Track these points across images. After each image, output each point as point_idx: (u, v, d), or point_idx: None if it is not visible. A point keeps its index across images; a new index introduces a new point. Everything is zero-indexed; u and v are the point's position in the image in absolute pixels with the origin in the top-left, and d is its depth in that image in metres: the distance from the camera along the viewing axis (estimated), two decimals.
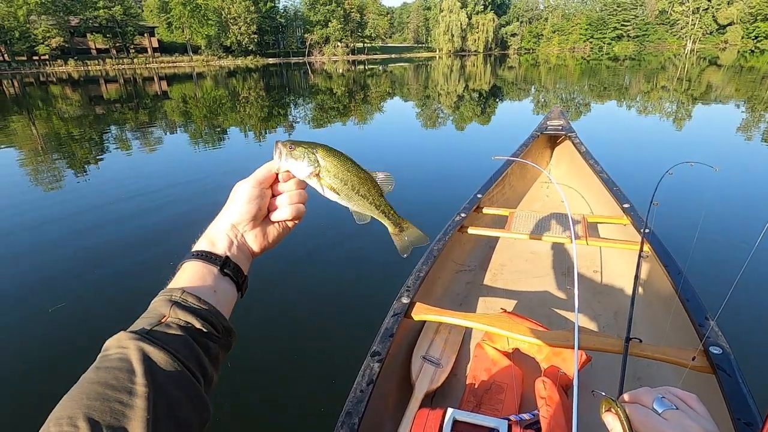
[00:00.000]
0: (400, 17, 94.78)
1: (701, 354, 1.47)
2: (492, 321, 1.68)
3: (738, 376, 1.35)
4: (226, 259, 0.58)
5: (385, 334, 1.67)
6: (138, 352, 0.44)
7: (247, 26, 55.78)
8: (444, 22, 67.82)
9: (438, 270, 2.41)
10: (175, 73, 39.49)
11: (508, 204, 3.70)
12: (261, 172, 0.63)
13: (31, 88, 27.62)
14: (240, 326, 0.58)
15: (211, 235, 0.60)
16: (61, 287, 3.60)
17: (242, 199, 0.61)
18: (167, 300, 0.51)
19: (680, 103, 14.05)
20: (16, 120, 13.90)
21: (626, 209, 2.69)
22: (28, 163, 8.17)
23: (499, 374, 1.87)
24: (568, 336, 1.56)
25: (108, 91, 24.29)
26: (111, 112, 15.55)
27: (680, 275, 1.89)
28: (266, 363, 2.71)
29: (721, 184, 5.22)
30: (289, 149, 0.62)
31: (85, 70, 43.73)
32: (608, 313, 2.49)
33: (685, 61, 38.80)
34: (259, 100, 18.25)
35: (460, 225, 2.58)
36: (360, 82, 26.74)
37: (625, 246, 2.36)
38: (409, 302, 1.80)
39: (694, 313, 1.66)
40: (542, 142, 4.41)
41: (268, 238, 0.64)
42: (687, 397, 0.55)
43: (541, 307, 2.60)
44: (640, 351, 1.48)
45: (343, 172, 0.64)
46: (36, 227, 4.92)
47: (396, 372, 1.89)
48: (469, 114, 13.30)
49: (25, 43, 44.25)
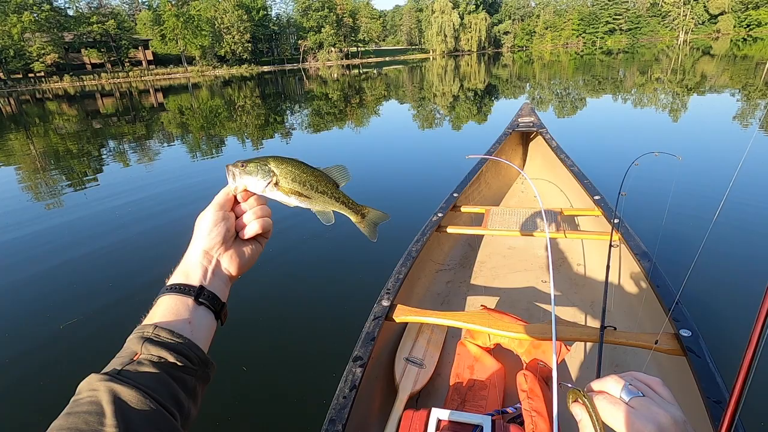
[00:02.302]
0: (393, 20, 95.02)
1: (672, 338, 1.53)
2: (472, 318, 1.72)
3: (707, 357, 1.41)
4: (201, 289, 0.58)
5: (366, 338, 1.67)
6: (108, 393, 0.43)
7: (240, 35, 56.10)
8: (436, 23, 68.04)
9: (418, 270, 2.44)
10: (170, 84, 39.65)
11: (485, 201, 3.77)
12: (219, 197, 0.64)
13: (27, 105, 27.75)
14: (217, 337, 0.60)
15: (184, 267, 0.61)
16: (71, 303, 3.61)
17: (207, 226, 0.62)
18: (139, 337, 0.51)
19: (675, 94, 14.13)
20: (14, 138, 13.99)
21: (597, 201, 2.76)
22: (27, 179, 8.25)
23: (482, 371, 1.91)
24: (545, 329, 1.60)
25: (104, 105, 24.39)
26: (108, 126, 15.63)
27: (650, 262, 1.94)
28: (245, 373, 2.66)
29: (686, 172, 5.44)
30: (242, 167, 0.65)
31: (80, 85, 43.94)
32: (585, 304, 2.56)
33: (678, 52, 38.91)
34: (256, 108, 18.34)
35: (438, 225, 2.61)
36: (355, 86, 26.84)
37: (597, 236, 2.44)
38: (389, 305, 1.82)
39: (664, 298, 1.72)
40: (515, 139, 4.51)
41: (243, 257, 0.64)
42: (652, 382, 0.56)
43: (521, 301, 2.65)
44: (615, 338, 1.53)
45: (299, 174, 0.67)
46: (49, 243, 4.96)
47: (379, 375, 1.89)
48: (464, 113, 13.36)
49: (20, 61, 44.54)
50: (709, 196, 4.70)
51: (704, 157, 6.54)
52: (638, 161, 2.07)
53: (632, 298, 2.20)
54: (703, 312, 2.70)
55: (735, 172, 1.14)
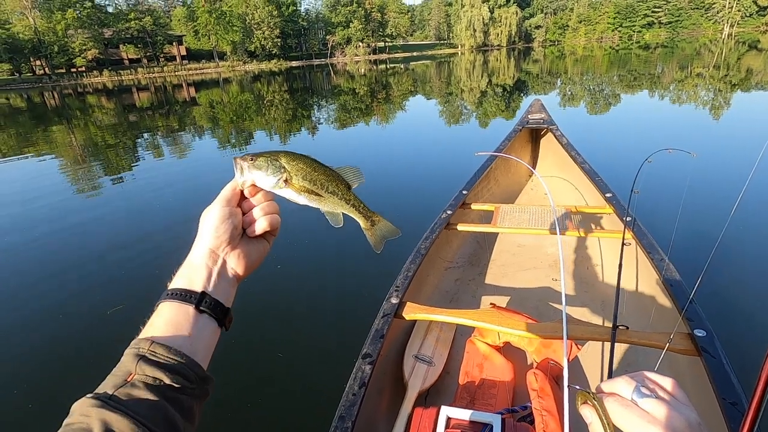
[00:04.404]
0: (421, 14, 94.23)
1: (686, 337, 1.49)
2: (482, 316, 1.72)
3: (722, 357, 1.38)
4: (203, 295, 0.55)
5: (375, 335, 1.68)
6: (99, 422, 0.43)
7: (270, 30, 56.93)
8: (465, 18, 67.03)
9: (427, 268, 2.44)
10: (202, 79, 40.69)
11: (495, 199, 3.72)
12: (226, 191, 0.61)
13: (69, 98, 29.11)
14: (225, 334, 0.59)
15: (188, 269, 0.57)
16: (117, 289, 3.78)
17: (214, 223, 0.58)
18: (135, 354, 0.49)
19: (717, 91, 13.48)
20: (57, 130, 14.74)
21: (608, 198, 2.70)
22: (68, 169, 8.69)
23: (491, 369, 1.91)
24: (556, 327, 1.59)
25: (140, 99, 25.34)
26: (143, 119, 16.26)
27: (663, 261, 1.90)
28: (255, 369, 2.69)
29: (701, 168, 5.27)
30: (251, 161, 0.62)
31: (118, 79, 45.67)
32: (596, 303, 2.51)
33: (722, 46, 36.98)
34: (284, 103, 18.65)
35: (447, 222, 2.60)
36: (381, 81, 26.85)
37: (609, 235, 2.39)
38: (398, 302, 1.82)
39: (678, 298, 1.68)
40: (525, 135, 4.43)
41: (250, 257, 0.61)
42: (665, 382, 0.52)
43: (531, 299, 2.62)
44: (627, 338, 1.51)
45: (311, 172, 0.64)
46: (98, 230, 5.22)
47: (388, 373, 1.89)
48: (492, 110, 13.18)
49: (63, 57, 46.80)
50: (724, 193, 4.55)
51: (722, 153, 6.37)
52: (651, 158, 2.02)
53: (645, 297, 2.16)
54: (718, 312, 2.62)
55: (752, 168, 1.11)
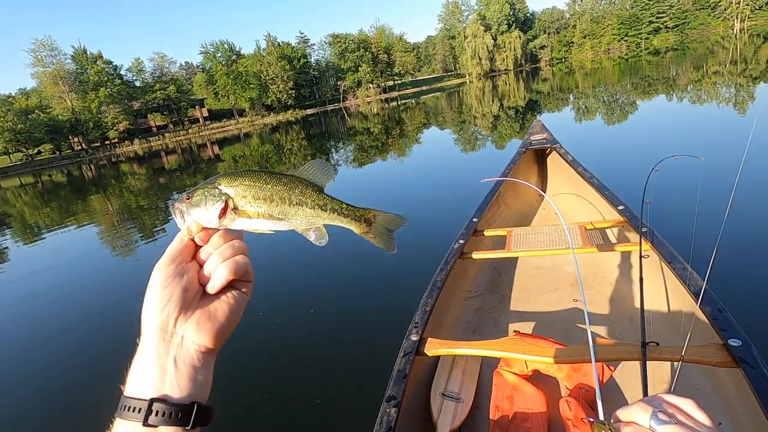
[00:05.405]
0: (426, 50, 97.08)
1: (721, 348, 1.41)
2: (506, 346, 1.67)
3: (762, 367, 1.29)
4: (151, 404, 0.44)
5: (398, 376, 1.60)
6: None
7: (284, 84, 59.92)
8: (470, 48, 68.66)
9: (445, 300, 2.39)
10: (224, 136, 42.82)
11: (507, 223, 3.68)
12: (172, 246, 0.51)
13: (105, 168, 31.13)
14: (243, 379, 0.53)
15: (137, 365, 0.47)
16: None
17: (157, 288, 0.48)
18: None
19: (738, 86, 13.14)
20: (94, 199, 15.70)
21: (621, 211, 2.65)
22: (106, 233, 9.18)
23: (522, 400, 1.84)
24: (584, 350, 1.51)
25: (169, 162, 26.85)
26: (172, 180, 17.21)
27: (685, 270, 1.82)
28: (277, 418, 2.59)
29: (711, 172, 5.02)
30: (187, 200, 0.51)
31: (148, 146, 48.56)
32: (623, 319, 2.41)
33: (736, 41, 36.32)
34: (302, 149, 19.38)
35: (461, 251, 2.57)
36: (395, 117, 27.53)
37: (626, 248, 2.33)
38: (418, 339, 1.75)
39: (706, 307, 1.59)
40: (530, 157, 4.44)
41: (217, 318, 0.49)
42: (684, 404, 0.49)
43: (555, 322, 2.53)
44: (659, 354, 1.43)
45: (261, 187, 0.52)
46: (134, 288, 5.31)
47: (415, 414, 1.80)
48: (506, 132, 13.24)
49: (98, 131, 50.85)
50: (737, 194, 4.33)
51: (732, 154, 6.05)
52: (658, 167, 1.98)
53: (671, 309, 2.06)
54: (752, 319, 2.43)
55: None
